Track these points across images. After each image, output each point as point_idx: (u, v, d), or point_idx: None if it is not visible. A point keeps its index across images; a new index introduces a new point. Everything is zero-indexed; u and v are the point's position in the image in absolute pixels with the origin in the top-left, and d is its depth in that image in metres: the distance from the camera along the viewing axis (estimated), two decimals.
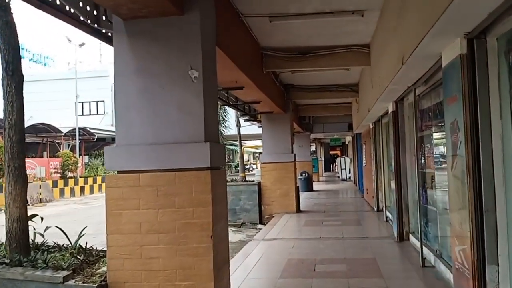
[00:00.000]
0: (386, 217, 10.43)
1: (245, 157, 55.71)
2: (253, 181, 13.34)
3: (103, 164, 23.45)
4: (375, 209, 12.44)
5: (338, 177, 31.05)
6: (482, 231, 3.61)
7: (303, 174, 20.45)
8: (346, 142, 34.13)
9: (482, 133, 3.58)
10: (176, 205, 4.01)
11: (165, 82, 4.08)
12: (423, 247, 6.31)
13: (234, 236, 11.58)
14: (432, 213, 6.41)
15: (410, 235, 7.74)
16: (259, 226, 12.37)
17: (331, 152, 45.18)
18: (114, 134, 5.77)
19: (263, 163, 12.90)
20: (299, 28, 7.29)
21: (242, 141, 15.83)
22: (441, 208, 5.86)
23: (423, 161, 6.83)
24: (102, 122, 38.06)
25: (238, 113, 13.79)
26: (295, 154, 13.07)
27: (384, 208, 11.00)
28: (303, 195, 18.45)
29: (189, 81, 4.03)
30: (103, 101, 39.94)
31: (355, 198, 16.88)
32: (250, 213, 12.63)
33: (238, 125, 15.24)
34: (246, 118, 13.51)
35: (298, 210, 12.89)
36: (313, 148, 30.39)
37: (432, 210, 6.44)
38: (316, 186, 22.80)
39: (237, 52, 6.41)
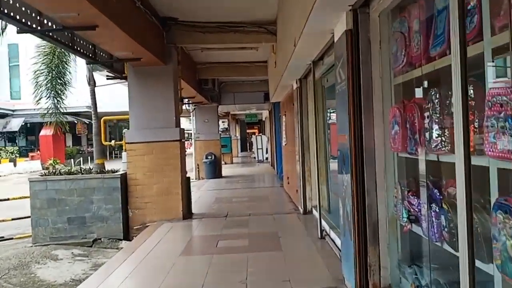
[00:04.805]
0: (322, 230, 6.33)
1: None
2: (117, 171, 8.55)
3: None
4: (301, 209, 8.37)
5: (254, 158, 27.28)
6: None
7: (209, 157, 16.20)
8: (263, 119, 30.58)
9: None
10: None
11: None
12: None
13: (70, 267, 6.82)
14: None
15: None
16: (123, 243, 7.73)
17: (248, 131, 42.06)
18: None
19: (130, 143, 8.10)
20: None
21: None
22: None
23: (434, 134, 2.70)
24: None
25: (90, 65, 8.70)
26: (182, 129, 8.44)
27: (317, 212, 6.90)
28: (206, 184, 14.23)
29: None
30: None
31: (272, 188, 12.81)
32: (109, 224, 7.87)
33: (92, 83, 9.91)
34: (105, 71, 8.43)
35: (188, 215, 8.43)
36: (225, 125, 25.87)
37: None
38: (226, 170, 18.60)
39: None
